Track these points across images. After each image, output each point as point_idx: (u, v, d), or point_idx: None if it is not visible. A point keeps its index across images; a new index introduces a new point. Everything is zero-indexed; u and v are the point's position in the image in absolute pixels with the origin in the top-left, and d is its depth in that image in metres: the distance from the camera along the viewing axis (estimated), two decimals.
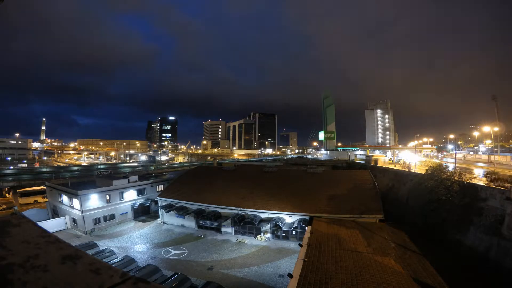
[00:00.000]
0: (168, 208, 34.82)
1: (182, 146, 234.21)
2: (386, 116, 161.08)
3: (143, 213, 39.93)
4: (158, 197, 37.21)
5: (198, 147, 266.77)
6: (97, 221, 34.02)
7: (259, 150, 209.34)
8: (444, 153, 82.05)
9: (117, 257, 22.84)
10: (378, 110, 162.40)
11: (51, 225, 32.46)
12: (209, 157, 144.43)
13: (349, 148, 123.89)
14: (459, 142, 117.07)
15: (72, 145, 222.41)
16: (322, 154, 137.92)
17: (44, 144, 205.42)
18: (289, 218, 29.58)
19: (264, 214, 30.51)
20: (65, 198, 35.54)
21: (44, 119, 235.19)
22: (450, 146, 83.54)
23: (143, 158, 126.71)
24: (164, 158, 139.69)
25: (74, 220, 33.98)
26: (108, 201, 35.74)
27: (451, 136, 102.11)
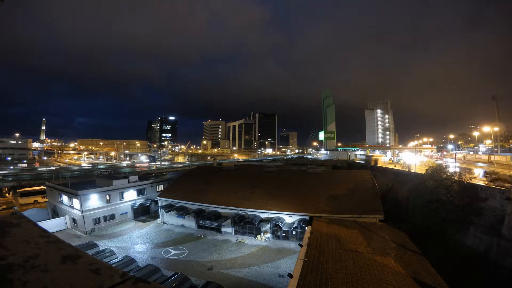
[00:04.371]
0: (168, 208, 34.81)
1: (182, 146, 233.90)
2: (386, 116, 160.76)
3: (143, 213, 39.90)
4: (158, 197, 37.20)
5: (198, 147, 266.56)
6: (97, 221, 33.99)
7: (258, 150, 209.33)
8: (444, 153, 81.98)
9: (117, 257, 22.85)
10: (378, 110, 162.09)
11: (51, 225, 32.44)
12: (209, 157, 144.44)
13: (349, 148, 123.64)
14: (459, 142, 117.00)
15: (72, 145, 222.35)
16: (322, 154, 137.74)
17: (44, 144, 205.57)
18: (289, 218, 29.56)
19: (264, 214, 30.50)
20: (65, 198, 35.52)
21: (44, 119, 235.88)
22: (450, 146, 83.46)
23: (143, 158, 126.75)
24: (165, 158, 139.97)
25: (74, 220, 33.95)
26: (108, 201, 35.72)
27: (451, 136, 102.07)
